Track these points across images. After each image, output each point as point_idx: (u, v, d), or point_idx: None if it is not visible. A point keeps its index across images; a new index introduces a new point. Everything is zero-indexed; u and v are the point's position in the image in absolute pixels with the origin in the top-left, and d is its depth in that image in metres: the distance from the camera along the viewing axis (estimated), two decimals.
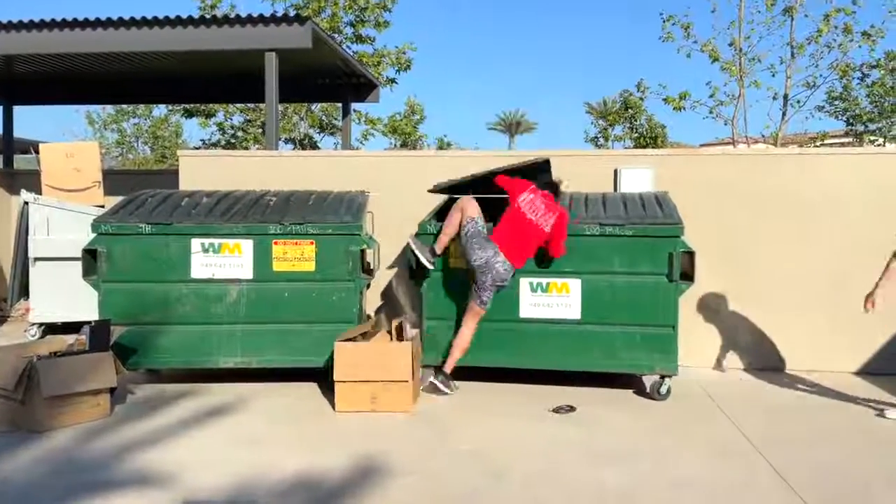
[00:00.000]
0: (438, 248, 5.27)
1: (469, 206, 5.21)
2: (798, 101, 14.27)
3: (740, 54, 13.80)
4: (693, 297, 6.15)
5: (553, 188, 5.34)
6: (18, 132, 11.06)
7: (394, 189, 6.55)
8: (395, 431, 4.49)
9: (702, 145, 21.68)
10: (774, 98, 14.22)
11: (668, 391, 5.21)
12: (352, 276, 5.37)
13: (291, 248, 5.37)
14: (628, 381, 5.59)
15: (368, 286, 5.65)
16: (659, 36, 14.16)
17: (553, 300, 5.27)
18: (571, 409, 4.91)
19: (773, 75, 14.64)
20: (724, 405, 5.12)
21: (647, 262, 5.16)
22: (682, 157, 6.86)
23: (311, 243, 5.36)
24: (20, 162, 12.48)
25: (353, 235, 5.39)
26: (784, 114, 14.29)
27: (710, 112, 14.17)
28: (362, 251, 5.43)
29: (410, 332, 5.25)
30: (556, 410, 4.88)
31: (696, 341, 6.18)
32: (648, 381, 5.45)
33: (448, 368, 5.28)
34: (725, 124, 14.26)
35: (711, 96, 14.01)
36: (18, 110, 11.00)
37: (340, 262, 5.37)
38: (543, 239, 5.14)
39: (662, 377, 5.23)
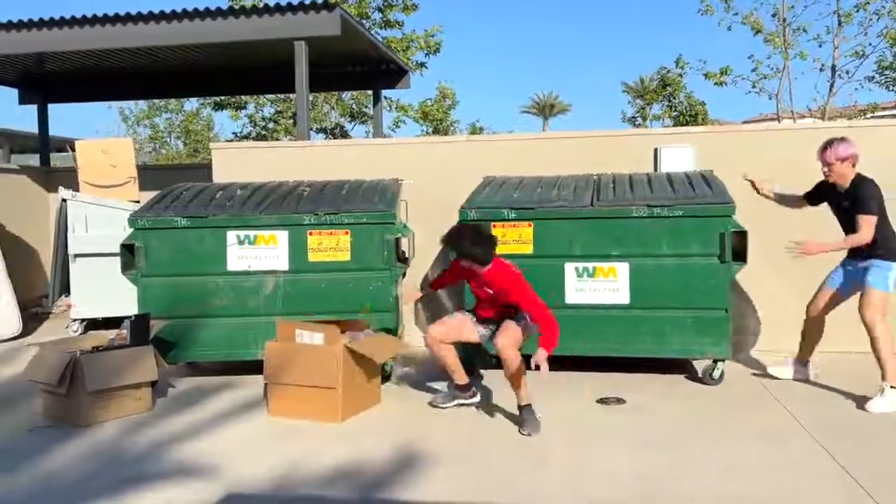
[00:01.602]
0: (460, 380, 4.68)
1: (450, 334, 4.64)
2: (846, 72, 13.85)
3: (784, 25, 13.42)
4: (743, 279, 5.98)
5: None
6: (53, 130, 11.23)
7: (427, 176, 6.49)
8: (438, 420, 4.46)
9: (744, 122, 21.22)
10: (821, 70, 13.82)
11: (721, 376, 5.10)
12: (387, 265, 5.34)
13: (326, 238, 5.36)
14: (679, 367, 5.47)
15: (404, 275, 5.61)
16: (697, 9, 13.86)
17: (600, 285, 5.17)
18: (620, 401, 4.78)
19: (820, 46, 14.25)
20: (778, 390, 4.98)
21: (698, 243, 5.03)
22: (725, 135, 6.68)
23: (346, 233, 5.34)
24: (56, 160, 12.71)
25: (388, 224, 5.35)
26: (832, 86, 13.88)
27: (754, 86, 13.84)
28: (397, 240, 5.39)
29: (361, 335, 4.76)
30: (603, 401, 4.78)
31: (749, 324, 6.02)
32: (700, 366, 5.33)
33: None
34: (770, 99, 13.92)
35: (754, 70, 13.69)
36: (53, 108, 11.17)
37: (376, 251, 5.34)
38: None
39: (715, 361, 5.11)
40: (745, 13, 13.55)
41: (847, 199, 4.73)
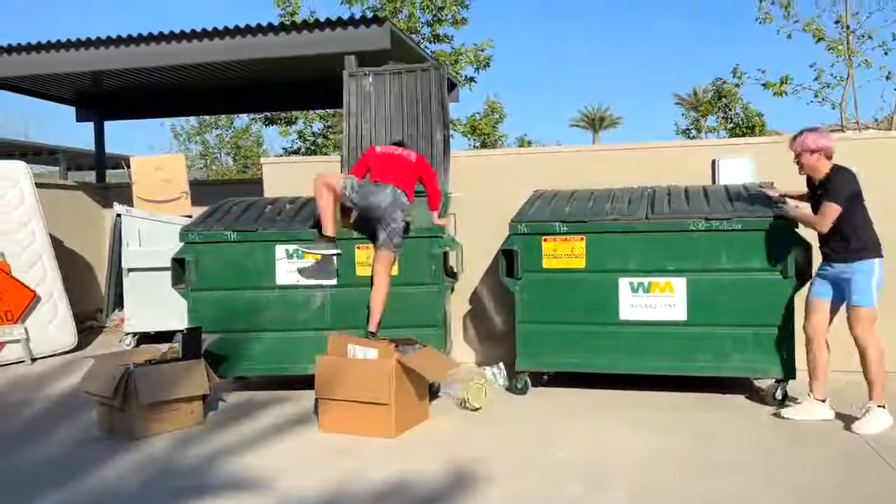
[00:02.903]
0: (327, 230, 5.11)
1: (329, 177, 5.21)
2: None
3: (848, 32, 13.06)
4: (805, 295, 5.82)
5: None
6: (109, 147, 11.62)
7: (477, 189, 6.50)
8: (490, 437, 4.44)
9: None
10: (888, 78, 13.37)
11: (785, 397, 4.94)
12: (436, 280, 5.35)
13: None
14: (739, 386, 5.34)
15: (452, 290, 5.61)
16: (755, 17, 13.60)
17: (656, 300, 5.10)
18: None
19: (886, 53, 13.74)
20: (846, 410, 4.80)
21: (759, 258, 4.92)
22: (786, 146, 6.49)
23: None
24: (112, 176, 13.14)
25: (436, 237, 5.37)
26: None
27: (816, 96, 13.45)
28: (445, 254, 5.40)
29: (412, 350, 4.83)
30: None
31: None
32: (762, 385, 5.19)
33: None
34: (833, 109, 13.52)
35: (816, 79, 13.32)
36: (108, 126, 11.55)
37: (423, 266, 5.36)
38: (414, 170, 5.23)
39: (777, 381, 4.97)
40: (806, 20, 13.24)
41: (820, 190, 4.60)
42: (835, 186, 4.47)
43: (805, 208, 4.86)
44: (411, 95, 6.46)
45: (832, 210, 4.43)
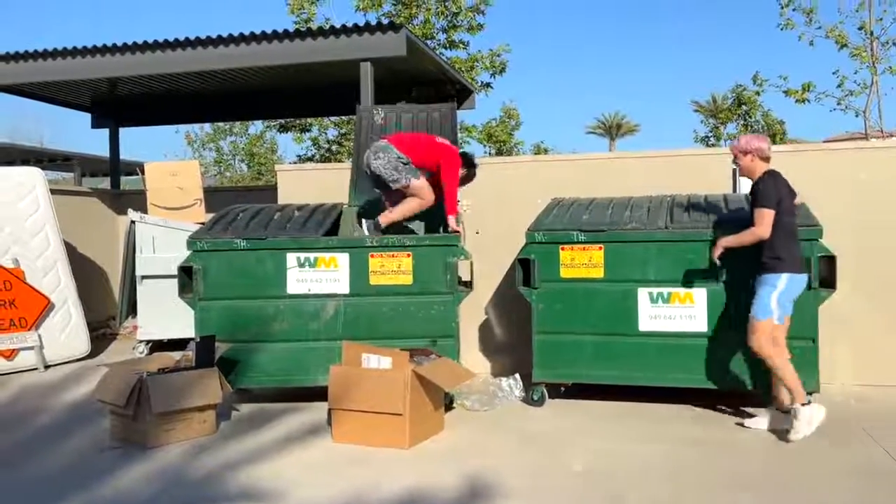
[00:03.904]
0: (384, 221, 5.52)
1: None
2: None
3: (872, 38, 12.98)
4: (830, 307, 5.75)
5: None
6: (123, 154, 11.70)
7: (490, 198, 6.50)
8: (507, 450, 4.42)
9: (825, 141, 20.54)
10: None
11: None
12: (450, 289, 5.32)
13: (388, 260, 5.37)
14: (761, 400, 5.27)
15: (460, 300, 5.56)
16: (777, 24, 13.53)
17: (675, 311, 5.05)
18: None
19: None
20: (870, 424, 4.75)
21: None
22: (810, 154, 6.45)
23: (408, 255, 5.35)
24: (126, 183, 13.25)
25: (451, 246, 5.35)
26: None
27: (839, 103, 13.37)
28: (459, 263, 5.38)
29: (427, 360, 4.82)
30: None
31: (837, 355, 5.77)
32: (785, 398, 5.11)
33: None
34: (857, 116, 13.42)
35: (839, 86, 13.24)
36: (123, 132, 11.65)
37: (438, 275, 5.33)
38: (436, 149, 5.54)
39: None
40: (828, 27, 13.16)
41: (751, 193, 4.67)
42: (763, 191, 4.52)
43: None
44: (421, 126, 6.45)
45: (766, 214, 4.47)
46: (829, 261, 4.83)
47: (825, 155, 6.36)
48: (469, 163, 5.63)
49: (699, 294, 5.02)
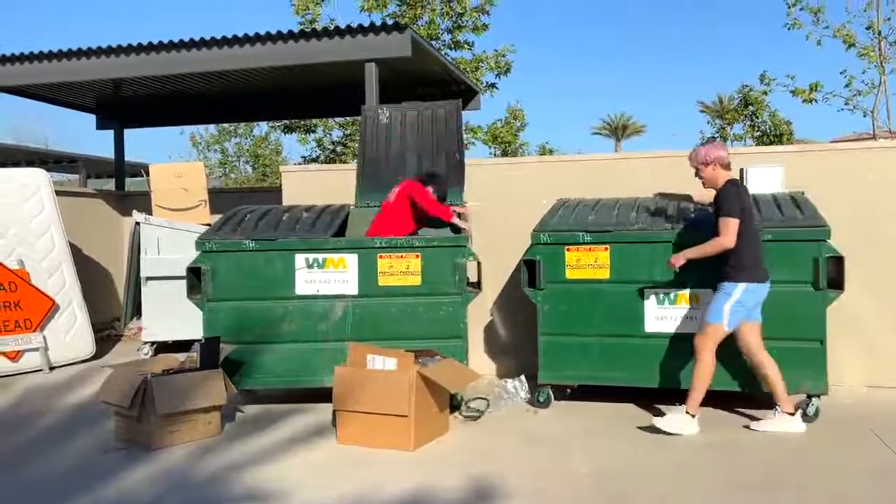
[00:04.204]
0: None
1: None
2: None
3: (880, 38, 12.93)
4: (837, 308, 5.73)
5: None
6: (128, 155, 11.75)
7: (496, 199, 6.49)
8: (512, 451, 4.41)
9: (832, 141, 20.46)
10: None
11: (817, 412, 4.86)
12: (459, 290, 5.32)
13: (397, 261, 5.37)
14: (769, 401, 5.24)
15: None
16: (784, 23, 13.48)
17: (682, 312, 5.04)
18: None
19: None
20: (879, 427, 4.72)
21: (788, 270, 4.85)
22: (817, 154, 6.41)
23: (417, 256, 5.35)
24: (131, 185, 13.29)
25: (460, 247, 5.35)
26: None
27: (846, 103, 13.32)
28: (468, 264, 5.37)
29: (432, 361, 4.84)
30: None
31: (845, 357, 5.74)
32: (793, 401, 5.10)
33: None
34: (865, 116, 13.37)
35: (847, 86, 13.18)
36: (128, 134, 11.69)
37: (447, 276, 5.33)
38: (396, 205, 5.62)
39: (809, 397, 4.89)
40: (836, 26, 13.11)
41: (714, 202, 4.69)
42: (727, 199, 4.55)
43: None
44: (427, 123, 6.43)
45: (731, 224, 4.50)
46: (838, 262, 4.81)
47: (833, 155, 6.33)
48: (430, 178, 5.77)
49: (706, 296, 4.99)
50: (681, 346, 5.03)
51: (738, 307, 4.55)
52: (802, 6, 13.29)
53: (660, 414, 4.76)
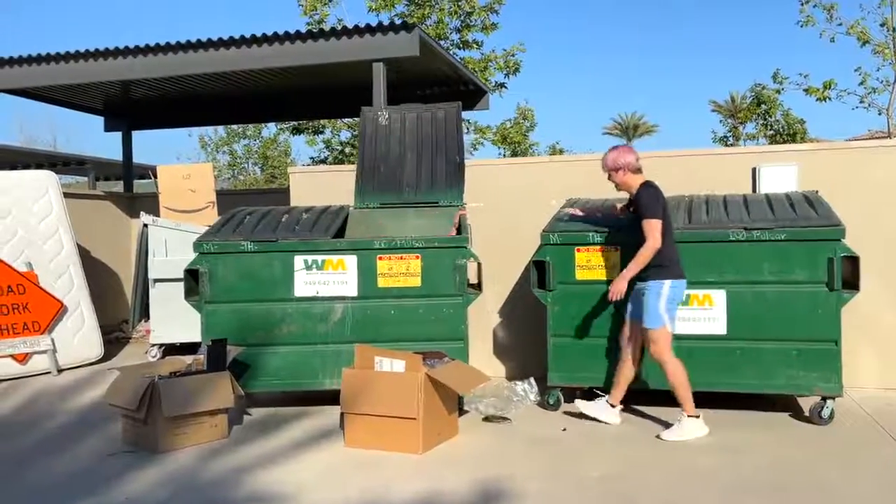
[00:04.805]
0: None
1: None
2: None
3: (894, 35, 12.84)
4: (853, 309, 5.67)
5: None
6: (137, 157, 11.78)
7: (504, 199, 6.46)
8: (521, 455, 4.38)
9: (847, 140, 20.29)
10: None
11: (831, 415, 4.81)
12: (460, 292, 5.30)
13: (397, 262, 5.34)
14: (783, 404, 5.21)
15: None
16: (797, 21, 13.40)
17: (694, 314, 4.99)
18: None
19: None
20: (895, 429, 4.68)
21: (803, 269, 4.81)
22: (831, 153, 6.35)
23: (417, 257, 5.33)
24: (139, 187, 13.33)
25: (460, 248, 5.32)
26: None
27: (861, 101, 13.25)
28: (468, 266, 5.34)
29: (440, 363, 4.82)
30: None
31: (860, 358, 5.69)
32: (806, 403, 5.06)
33: None
34: (880, 114, 13.29)
35: (861, 84, 13.10)
36: (136, 135, 11.73)
37: (447, 277, 5.30)
38: None
39: (824, 399, 4.84)
40: (850, 23, 13.02)
41: (633, 205, 4.81)
42: (646, 201, 4.64)
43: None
44: (426, 125, 6.41)
45: (654, 224, 4.58)
46: (852, 261, 4.76)
47: (847, 153, 6.28)
48: None
49: (718, 296, 4.96)
50: (693, 348, 4.99)
51: (670, 304, 4.64)
52: (816, 3, 13.22)
53: (667, 426, 4.74)
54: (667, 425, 4.75)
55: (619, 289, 4.66)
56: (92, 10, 73.31)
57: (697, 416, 4.63)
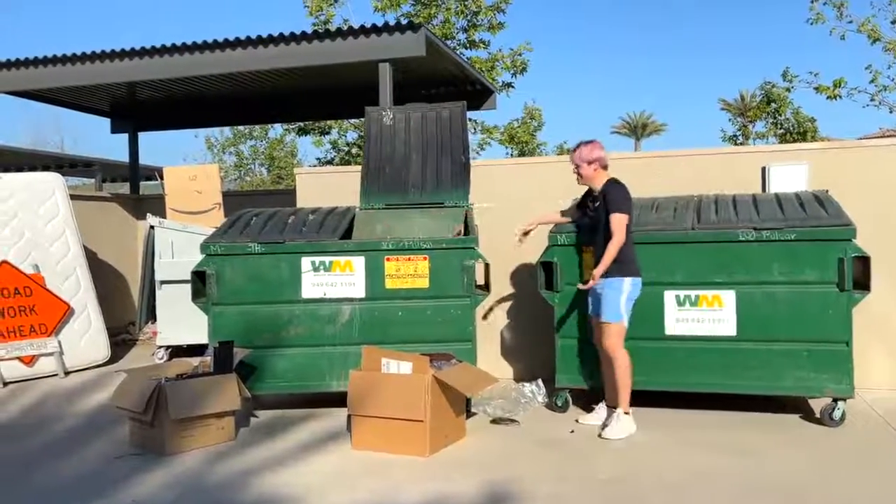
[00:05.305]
0: None
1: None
2: None
3: None
4: (865, 309, 5.64)
5: None
6: (143, 159, 11.82)
7: (512, 198, 6.46)
8: (529, 457, 4.38)
9: (859, 138, 20.19)
10: None
11: (843, 417, 4.79)
12: (468, 293, 5.29)
13: (404, 263, 5.34)
14: (793, 406, 5.19)
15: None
16: (806, 19, 13.35)
17: (703, 315, 4.98)
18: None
19: None
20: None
21: (813, 270, 4.79)
22: (842, 152, 6.32)
23: (425, 258, 5.32)
24: (145, 188, 13.39)
25: (468, 249, 5.32)
26: None
27: (872, 99, 13.20)
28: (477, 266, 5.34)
29: (448, 365, 4.84)
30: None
31: (871, 359, 5.66)
32: (817, 405, 5.04)
33: None
34: (891, 112, 13.24)
35: (872, 81, 13.05)
36: (143, 137, 11.77)
37: (455, 278, 5.29)
38: None
39: (835, 401, 4.81)
40: (860, 20, 12.97)
41: (599, 201, 4.87)
42: (615, 197, 4.75)
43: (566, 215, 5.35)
44: (431, 125, 6.40)
45: (623, 219, 4.70)
46: (863, 261, 4.74)
47: (858, 152, 6.24)
48: None
49: (728, 296, 4.94)
50: (703, 348, 4.98)
51: (629, 301, 4.76)
52: (826, 1, 13.17)
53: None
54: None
55: (593, 282, 4.74)
56: (92, 11, 73.68)
57: (628, 413, 4.76)
